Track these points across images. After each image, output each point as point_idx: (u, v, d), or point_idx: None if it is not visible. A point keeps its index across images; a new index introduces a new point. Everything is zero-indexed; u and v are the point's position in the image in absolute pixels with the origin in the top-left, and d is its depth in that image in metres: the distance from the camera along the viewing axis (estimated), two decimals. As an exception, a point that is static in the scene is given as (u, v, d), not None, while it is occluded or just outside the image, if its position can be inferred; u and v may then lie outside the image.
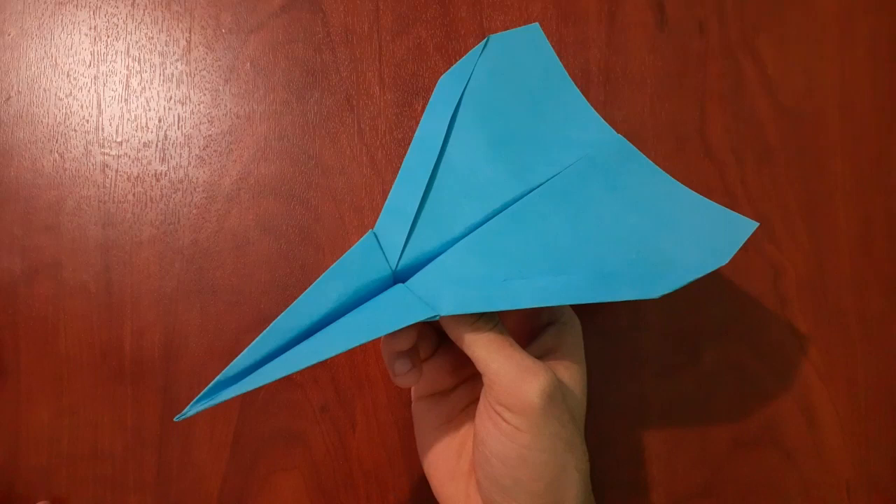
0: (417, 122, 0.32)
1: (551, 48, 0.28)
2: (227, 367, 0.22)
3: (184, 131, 0.32)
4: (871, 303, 0.33)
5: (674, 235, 0.25)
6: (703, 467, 0.31)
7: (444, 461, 0.26)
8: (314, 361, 0.22)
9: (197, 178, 0.32)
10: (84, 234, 0.31)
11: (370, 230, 0.24)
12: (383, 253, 0.24)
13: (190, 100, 0.32)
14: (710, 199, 0.33)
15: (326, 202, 0.32)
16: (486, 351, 0.23)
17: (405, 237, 0.24)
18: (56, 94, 0.32)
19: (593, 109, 0.28)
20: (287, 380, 0.31)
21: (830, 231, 0.33)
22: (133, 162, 0.32)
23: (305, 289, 0.31)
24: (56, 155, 0.32)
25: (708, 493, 0.31)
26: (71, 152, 0.32)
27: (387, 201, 0.24)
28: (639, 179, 0.27)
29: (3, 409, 0.31)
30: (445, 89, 0.26)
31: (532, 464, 0.22)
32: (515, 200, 0.25)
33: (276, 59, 0.32)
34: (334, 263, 0.23)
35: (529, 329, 0.27)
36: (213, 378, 0.31)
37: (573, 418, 0.24)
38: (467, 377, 0.28)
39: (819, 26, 0.34)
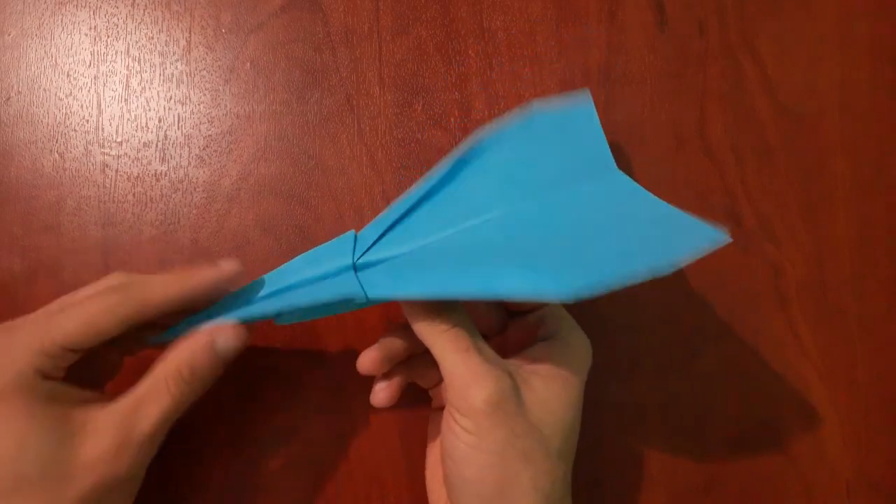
0: (417, 123, 0.32)
1: (597, 124, 0.28)
2: (194, 315, 0.25)
3: (184, 131, 0.32)
4: (871, 303, 0.33)
5: (636, 237, 0.25)
6: (703, 467, 0.31)
7: (435, 464, 0.28)
8: (261, 314, 0.25)
9: (197, 178, 0.32)
10: (84, 234, 0.31)
11: (352, 230, 0.26)
12: (353, 250, 0.25)
13: (190, 100, 0.32)
14: (710, 198, 0.33)
15: (326, 202, 0.32)
16: (442, 350, 0.24)
17: (376, 237, 0.26)
18: (56, 94, 0.32)
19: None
20: (288, 380, 0.31)
21: (830, 231, 0.33)
22: (133, 162, 0.32)
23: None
24: (56, 155, 0.32)
25: (707, 494, 0.31)
26: (71, 152, 0.32)
27: (381, 214, 0.26)
28: (614, 188, 0.27)
29: (3, 409, 0.30)
30: (472, 139, 0.27)
31: (476, 464, 0.23)
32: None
33: (276, 59, 0.32)
34: (310, 250, 0.25)
35: (527, 342, 0.27)
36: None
37: (533, 433, 0.23)
38: None
39: (819, 26, 0.34)
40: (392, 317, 0.31)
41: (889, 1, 0.34)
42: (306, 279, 0.25)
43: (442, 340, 0.24)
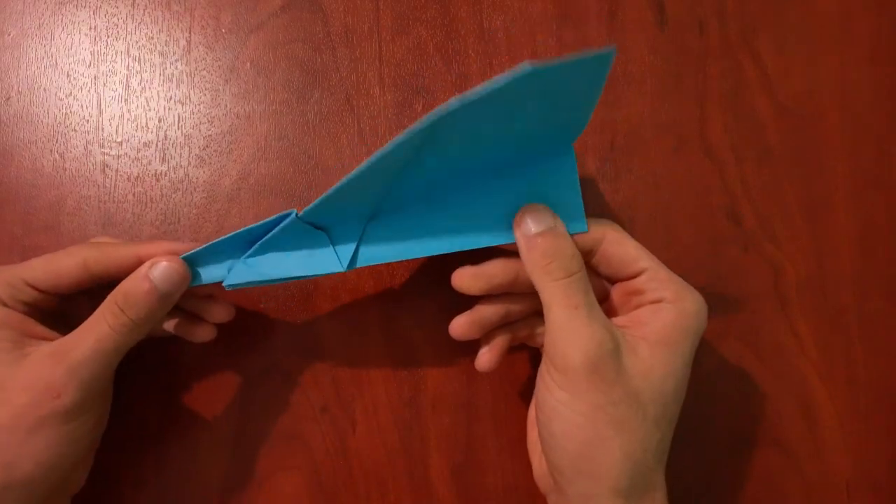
0: (417, 122, 0.32)
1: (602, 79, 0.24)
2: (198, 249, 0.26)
3: (184, 131, 0.32)
4: (871, 303, 0.33)
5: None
6: (703, 467, 0.31)
7: (534, 410, 0.28)
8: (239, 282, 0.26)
9: (197, 178, 0.32)
10: (84, 234, 0.31)
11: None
12: (297, 213, 0.25)
13: (190, 100, 0.32)
14: (710, 198, 0.33)
15: (326, 202, 0.32)
16: (551, 299, 0.23)
17: (322, 199, 0.24)
18: (56, 94, 0.32)
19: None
20: (287, 380, 0.31)
21: (830, 231, 0.33)
22: (133, 162, 0.32)
23: (305, 287, 0.31)
24: (56, 155, 0.32)
25: (708, 493, 0.31)
26: (71, 152, 0.32)
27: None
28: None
29: (3, 409, 0.30)
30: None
31: (563, 420, 0.23)
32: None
33: (276, 59, 0.32)
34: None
35: (633, 307, 0.26)
36: (214, 384, 0.31)
37: (630, 400, 0.23)
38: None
39: (819, 26, 0.34)
40: (391, 321, 0.31)
41: (889, 1, 0.34)
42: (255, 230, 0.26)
43: (553, 288, 0.23)
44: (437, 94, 0.32)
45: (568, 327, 0.23)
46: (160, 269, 0.24)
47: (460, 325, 0.26)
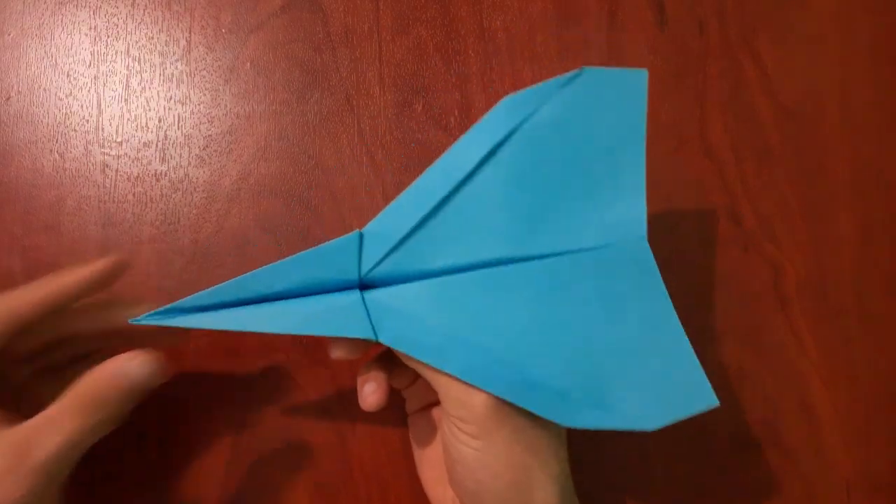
0: (417, 122, 0.32)
1: (645, 105, 0.25)
2: (183, 301, 0.23)
3: (184, 131, 0.32)
4: (871, 303, 0.33)
5: (631, 377, 0.24)
6: (703, 467, 0.31)
7: (432, 467, 0.28)
8: (249, 329, 0.23)
9: (197, 178, 0.32)
10: (84, 234, 0.31)
11: (357, 230, 0.24)
12: (360, 257, 0.24)
13: (190, 100, 0.32)
14: (710, 198, 0.33)
15: (326, 202, 0.32)
16: (431, 370, 0.23)
17: (387, 252, 0.24)
18: (56, 94, 0.32)
19: (644, 195, 0.25)
20: (287, 380, 0.31)
21: (830, 231, 0.33)
22: (133, 162, 0.32)
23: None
24: (56, 155, 0.32)
25: (708, 494, 0.31)
26: (71, 152, 0.32)
27: (388, 207, 0.24)
28: (637, 299, 0.25)
29: (3, 409, 0.31)
30: (505, 112, 0.24)
31: (489, 465, 0.23)
32: (500, 263, 0.24)
33: (276, 59, 0.32)
34: (312, 248, 0.23)
35: None
36: (209, 382, 0.31)
37: (536, 422, 0.23)
38: None
39: (819, 26, 0.34)
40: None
41: (889, 1, 0.34)
42: (303, 287, 0.23)
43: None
44: (437, 94, 0.32)
45: (459, 384, 0.23)
46: (136, 373, 0.23)
47: (377, 397, 0.26)
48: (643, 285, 0.25)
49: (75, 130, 0.32)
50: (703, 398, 0.24)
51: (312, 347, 0.31)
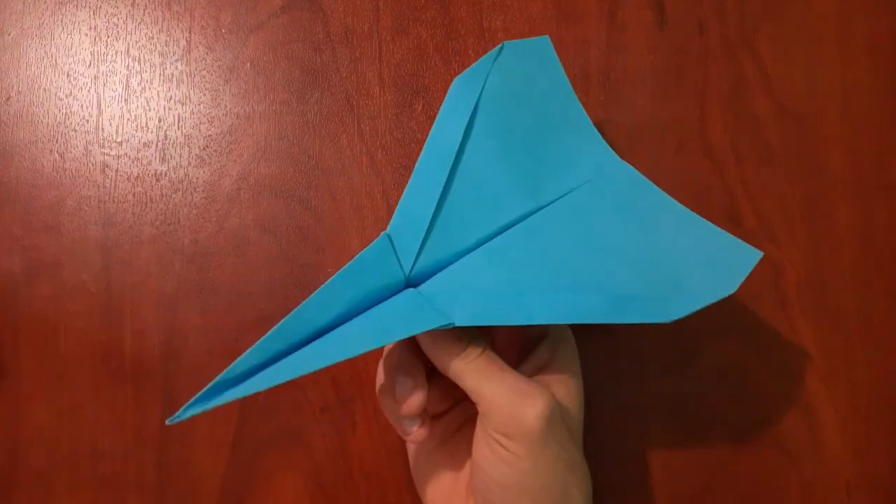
0: (417, 122, 0.32)
1: (559, 63, 0.28)
2: (229, 368, 0.20)
3: (184, 131, 0.32)
4: (871, 303, 0.33)
5: (683, 260, 0.25)
6: (703, 467, 0.31)
7: (440, 484, 0.26)
8: (322, 366, 0.20)
9: (197, 178, 0.32)
10: (84, 234, 0.31)
11: (384, 232, 0.23)
12: (397, 257, 0.23)
13: (190, 100, 0.32)
14: (710, 198, 0.33)
15: (326, 202, 0.32)
16: (478, 379, 0.22)
17: (420, 243, 0.23)
18: (56, 94, 0.32)
19: (597, 132, 0.28)
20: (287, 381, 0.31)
21: (830, 231, 0.33)
22: (133, 162, 0.32)
23: (305, 288, 0.31)
24: (56, 155, 0.32)
25: (708, 494, 0.31)
26: (71, 152, 0.32)
27: (400, 203, 0.24)
28: (647, 204, 0.27)
29: (3, 409, 0.31)
30: (460, 92, 0.26)
31: (533, 490, 0.22)
32: (526, 216, 0.25)
33: (276, 59, 0.32)
34: (346, 265, 0.22)
35: (520, 343, 0.27)
36: (213, 378, 0.31)
37: (572, 436, 0.23)
38: (460, 399, 0.27)
39: (819, 26, 0.34)
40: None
41: (889, 1, 0.34)
42: (354, 307, 0.22)
43: (475, 369, 0.22)
44: (437, 94, 0.32)
45: (510, 393, 0.22)
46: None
47: (423, 432, 0.24)
48: (645, 194, 0.27)
49: (75, 130, 0.32)
50: (749, 254, 0.25)
51: (312, 347, 0.31)
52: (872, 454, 0.32)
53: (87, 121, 0.32)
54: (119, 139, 0.32)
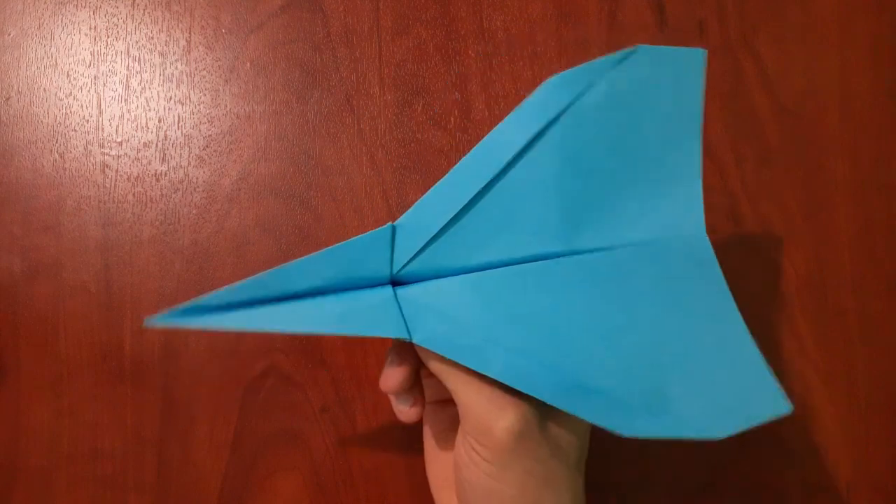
0: (417, 123, 0.32)
1: (701, 88, 0.24)
2: (205, 297, 0.21)
3: (184, 131, 0.32)
4: (871, 303, 0.33)
5: (691, 376, 0.22)
6: (703, 467, 0.31)
7: (441, 467, 0.26)
8: (280, 330, 0.21)
9: (197, 178, 0.32)
10: (84, 234, 0.31)
11: (391, 223, 0.22)
12: (392, 251, 0.22)
13: (190, 100, 0.32)
14: (710, 198, 0.33)
15: (326, 202, 0.32)
16: (456, 382, 0.22)
17: (420, 247, 0.22)
18: (56, 94, 0.32)
19: (701, 185, 0.24)
20: (287, 380, 0.31)
21: (830, 231, 0.33)
22: (133, 162, 0.32)
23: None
24: (56, 155, 0.32)
25: (708, 494, 0.31)
26: (71, 152, 0.32)
27: (423, 197, 0.22)
28: (697, 297, 0.23)
29: (3, 409, 0.31)
30: (551, 92, 0.22)
31: (499, 497, 0.22)
32: (546, 258, 0.22)
33: (276, 59, 0.32)
34: (342, 243, 0.22)
35: None
36: (212, 379, 0.31)
37: (556, 454, 0.22)
38: None
39: (819, 26, 0.34)
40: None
41: (889, 1, 0.34)
42: (332, 284, 0.21)
43: (454, 372, 0.22)
44: (437, 94, 0.32)
45: (483, 401, 0.22)
46: None
47: (415, 412, 0.25)
48: (703, 282, 0.23)
49: (75, 130, 0.32)
50: (775, 404, 0.22)
51: (312, 347, 0.31)
52: (872, 454, 0.32)
53: (87, 121, 0.32)
54: (119, 139, 0.32)
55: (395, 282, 0.23)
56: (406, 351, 0.24)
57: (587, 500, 0.28)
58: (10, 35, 0.32)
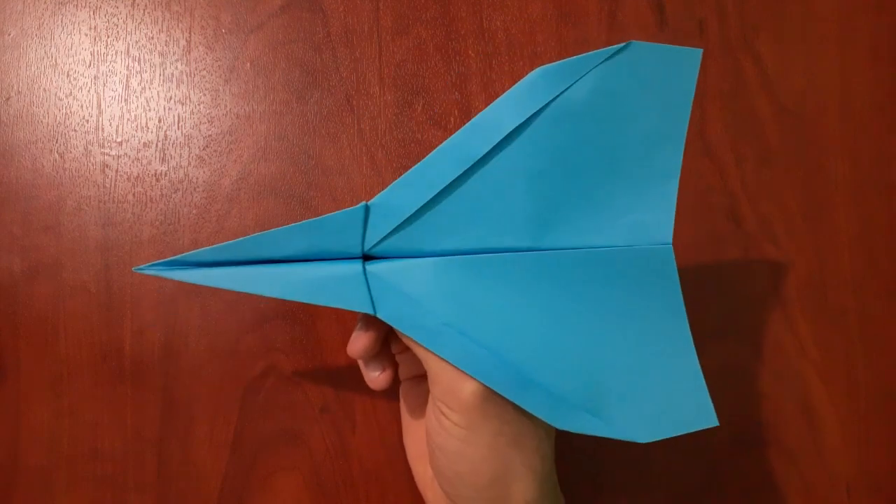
0: (417, 123, 0.32)
1: (692, 90, 0.24)
2: (189, 254, 0.23)
3: (184, 131, 0.32)
4: (871, 303, 0.33)
5: (631, 385, 0.23)
6: (703, 467, 0.31)
7: (417, 442, 0.28)
8: (251, 291, 0.22)
9: (197, 178, 0.32)
10: (84, 234, 0.31)
11: (364, 202, 0.23)
12: (364, 230, 0.23)
13: (190, 100, 0.32)
14: (710, 198, 0.33)
15: (326, 202, 0.32)
16: (425, 351, 0.23)
17: (393, 227, 0.23)
18: (56, 94, 0.32)
19: (675, 197, 0.23)
20: (287, 380, 0.31)
21: (830, 231, 0.33)
22: (133, 162, 0.32)
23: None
24: (56, 155, 0.32)
25: (708, 494, 0.31)
26: (71, 152, 0.32)
27: (399, 179, 0.23)
28: (650, 306, 0.24)
29: (3, 409, 0.31)
30: (538, 83, 0.22)
31: (470, 459, 0.23)
32: (513, 251, 0.23)
33: (276, 59, 0.32)
34: (314, 219, 0.23)
35: None
36: (213, 379, 0.31)
37: (524, 414, 0.23)
38: None
39: (819, 26, 0.34)
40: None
41: (889, 1, 0.34)
42: (303, 255, 0.23)
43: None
44: (437, 94, 0.32)
45: (451, 371, 0.22)
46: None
47: (384, 379, 0.26)
48: (660, 294, 0.24)
49: (75, 130, 0.32)
50: (703, 417, 0.24)
51: (312, 347, 0.31)
52: (872, 454, 0.32)
53: (87, 121, 0.32)
54: (119, 139, 0.32)
55: (367, 257, 0.24)
56: (373, 319, 0.25)
57: (586, 500, 0.28)
58: (10, 35, 0.32)
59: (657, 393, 0.23)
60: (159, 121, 0.32)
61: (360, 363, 0.27)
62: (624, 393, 0.23)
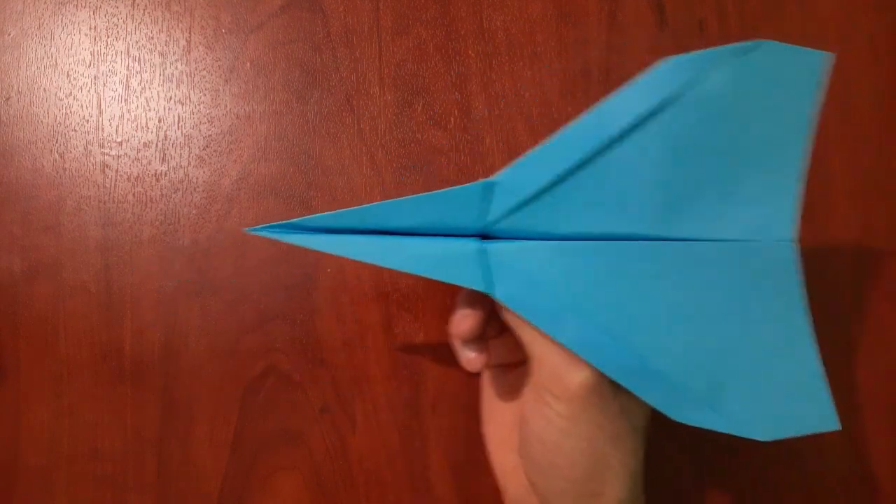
0: (417, 123, 0.32)
1: (818, 94, 0.24)
2: (304, 219, 0.23)
3: (184, 131, 0.32)
4: (871, 303, 0.33)
5: (752, 381, 0.23)
6: (703, 467, 0.31)
7: (501, 430, 0.28)
8: (366, 261, 0.22)
9: (197, 178, 0.32)
10: (84, 234, 0.31)
11: (489, 178, 0.23)
12: (485, 206, 0.23)
13: (190, 100, 0.32)
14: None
15: (326, 202, 0.32)
16: (532, 334, 0.23)
17: (514, 206, 0.23)
18: (56, 94, 0.32)
19: (797, 194, 0.23)
20: (287, 380, 0.31)
21: (830, 231, 0.33)
22: (133, 162, 0.32)
23: (305, 288, 0.31)
24: (56, 155, 0.32)
25: (707, 493, 0.31)
26: (71, 152, 0.32)
27: (524, 157, 0.23)
28: (772, 303, 0.23)
29: (3, 409, 0.31)
30: (668, 73, 0.22)
31: (568, 450, 0.22)
32: (638, 238, 0.23)
33: (276, 59, 0.32)
34: (437, 191, 0.23)
35: None
36: (213, 378, 0.31)
37: (625, 413, 0.23)
38: None
39: (819, 26, 0.34)
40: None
41: (889, 1, 0.34)
42: (422, 227, 0.23)
43: (531, 326, 0.23)
44: (437, 94, 0.32)
45: (559, 355, 0.22)
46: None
47: (480, 361, 0.26)
48: (782, 289, 0.23)
49: (75, 130, 0.32)
50: (824, 419, 0.23)
51: (312, 347, 0.31)
52: (872, 454, 0.32)
53: (87, 121, 0.32)
54: (119, 139, 0.32)
55: (485, 236, 0.23)
56: (478, 299, 0.25)
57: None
58: (10, 35, 0.32)
59: (776, 391, 0.23)
60: (159, 121, 0.32)
61: (456, 344, 0.27)
62: (744, 389, 0.23)
